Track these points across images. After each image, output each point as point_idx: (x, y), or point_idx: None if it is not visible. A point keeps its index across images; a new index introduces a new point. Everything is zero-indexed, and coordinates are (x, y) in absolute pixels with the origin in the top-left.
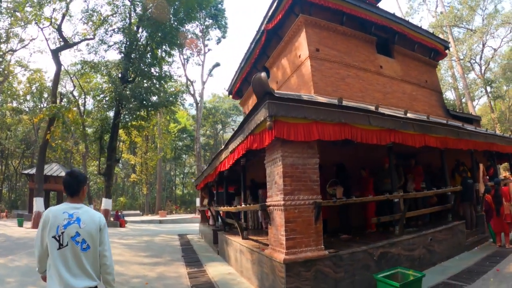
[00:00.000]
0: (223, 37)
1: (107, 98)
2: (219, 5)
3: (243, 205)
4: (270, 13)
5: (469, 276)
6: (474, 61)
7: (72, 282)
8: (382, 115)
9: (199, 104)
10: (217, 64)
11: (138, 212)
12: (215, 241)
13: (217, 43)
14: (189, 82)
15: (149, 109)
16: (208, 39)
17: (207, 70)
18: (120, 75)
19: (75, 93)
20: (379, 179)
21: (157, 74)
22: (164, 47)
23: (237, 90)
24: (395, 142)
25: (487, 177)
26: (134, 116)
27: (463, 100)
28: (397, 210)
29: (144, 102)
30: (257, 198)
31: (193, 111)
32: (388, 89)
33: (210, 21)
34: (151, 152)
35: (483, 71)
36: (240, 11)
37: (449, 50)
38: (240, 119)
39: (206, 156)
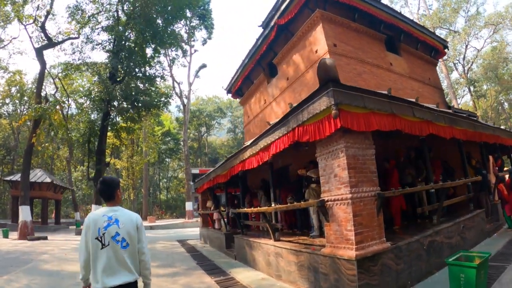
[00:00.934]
0: (209, 38)
1: (95, 99)
2: (207, 5)
3: (287, 203)
4: (282, 8)
5: (505, 258)
6: (457, 62)
7: (117, 275)
8: (422, 107)
9: (186, 106)
10: (204, 66)
11: None
12: (228, 246)
13: (203, 44)
14: (175, 84)
15: (140, 109)
16: (194, 40)
17: (193, 71)
18: (108, 75)
19: (57, 96)
20: (400, 171)
21: (147, 74)
22: (153, 45)
23: (238, 88)
24: (433, 134)
25: (496, 168)
26: (125, 117)
27: (447, 99)
28: (433, 200)
29: (136, 102)
30: (269, 199)
31: (176, 114)
32: (399, 86)
33: (196, 21)
34: (137, 156)
35: (466, 71)
36: (223, 11)
37: (448, 49)
38: (225, 121)
39: (190, 159)
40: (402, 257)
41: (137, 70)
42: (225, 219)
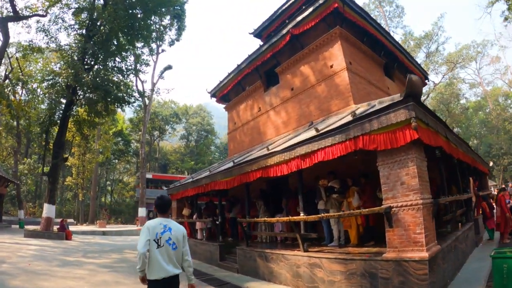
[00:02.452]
0: (177, 40)
1: (60, 85)
2: (183, 6)
3: (296, 213)
4: (299, 19)
5: None
6: None
7: (169, 269)
8: (452, 132)
9: (147, 107)
10: (169, 67)
11: (72, 221)
12: (222, 258)
13: (170, 45)
14: (138, 82)
15: (110, 103)
16: (163, 39)
17: (158, 72)
18: (76, 59)
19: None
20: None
21: (120, 66)
22: (128, 37)
23: (225, 94)
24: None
25: (476, 188)
26: (92, 109)
27: None
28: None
29: (106, 94)
30: (270, 208)
31: (130, 114)
32: None
33: (168, 21)
34: (90, 154)
35: (424, 102)
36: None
37: (428, 80)
38: (180, 127)
39: (137, 163)
40: (445, 258)
41: (109, 59)
42: (211, 229)
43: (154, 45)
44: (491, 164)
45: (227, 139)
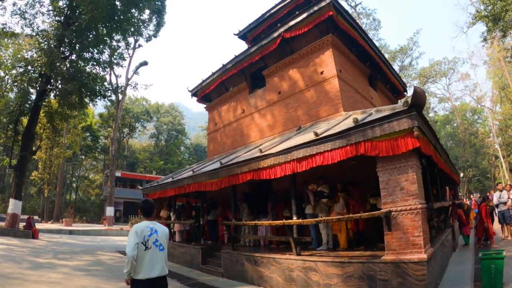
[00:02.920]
0: (155, 36)
1: (31, 72)
2: (165, 1)
3: (282, 217)
4: (292, 23)
5: None
6: None
7: (156, 270)
8: (437, 139)
9: (120, 102)
10: (145, 63)
11: (37, 218)
12: (204, 262)
13: (147, 40)
14: (113, 76)
15: (85, 95)
16: (141, 34)
17: (133, 67)
18: (53, 46)
19: None
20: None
21: (98, 58)
22: (108, 27)
23: (207, 93)
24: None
25: (452, 197)
26: (65, 101)
27: None
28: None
29: (81, 86)
30: (254, 211)
31: (100, 109)
32: None
33: (147, 15)
34: (58, 149)
35: None
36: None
37: (407, 92)
38: (150, 125)
39: (105, 160)
40: (435, 259)
41: (87, 50)
42: (189, 231)
43: (131, 39)
44: (461, 175)
45: (197, 140)
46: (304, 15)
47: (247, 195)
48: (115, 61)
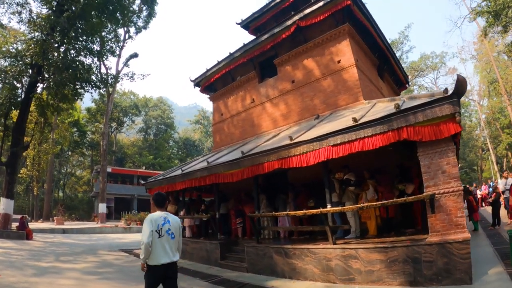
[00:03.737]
0: (144, 27)
1: (23, 62)
2: None
3: (307, 207)
4: (307, 11)
5: None
6: None
7: (169, 256)
8: None
9: (111, 95)
10: (135, 55)
11: (27, 217)
12: (223, 257)
13: (137, 32)
14: (103, 68)
15: (79, 86)
16: (131, 25)
17: (123, 59)
18: (44, 37)
19: None
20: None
21: (92, 47)
22: (103, 18)
23: (211, 83)
24: None
25: None
26: (58, 92)
27: None
28: None
29: (75, 77)
30: (272, 203)
31: (88, 103)
32: None
33: (137, 6)
34: (47, 144)
35: None
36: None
37: (408, 84)
38: (139, 119)
39: (92, 156)
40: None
41: (81, 39)
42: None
43: (120, 31)
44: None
45: (185, 135)
46: (321, 4)
47: (265, 187)
48: (109, 51)
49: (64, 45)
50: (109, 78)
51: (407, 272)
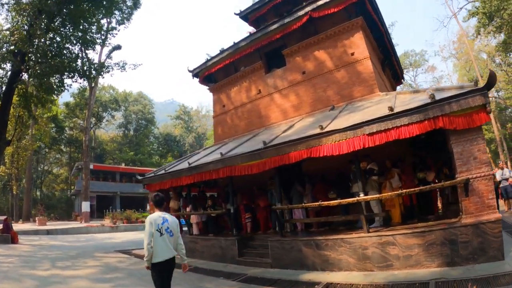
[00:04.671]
0: (128, 19)
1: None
2: None
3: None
4: (320, 3)
5: None
6: None
7: (169, 252)
8: None
9: (93, 89)
10: (118, 47)
11: (11, 219)
12: (241, 254)
13: (119, 24)
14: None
15: (68, 76)
16: (115, 14)
17: (106, 51)
18: (28, 23)
19: None
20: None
21: (80, 35)
22: (92, 4)
23: (212, 73)
24: None
25: None
26: (44, 82)
27: None
28: None
29: (63, 65)
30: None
31: (66, 97)
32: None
33: None
34: (26, 140)
35: None
36: None
37: (404, 79)
38: (118, 115)
39: (71, 152)
40: None
41: (68, 25)
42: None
43: (104, 21)
44: None
45: (165, 130)
46: None
47: (280, 179)
48: (97, 40)
49: (51, 32)
50: (99, 67)
51: (445, 254)
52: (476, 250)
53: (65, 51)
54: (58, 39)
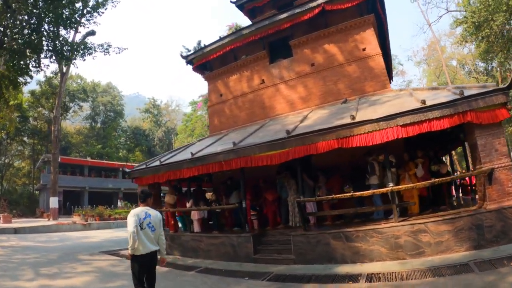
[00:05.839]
0: (103, 4)
1: None
2: None
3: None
4: None
5: None
6: None
7: (150, 246)
8: None
9: (64, 75)
10: (92, 32)
11: None
12: (256, 251)
13: (94, 10)
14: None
15: (46, 55)
16: None
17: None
18: None
19: None
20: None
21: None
22: None
23: (209, 60)
24: None
25: None
26: (22, 58)
27: None
28: None
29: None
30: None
31: (32, 85)
32: None
33: None
34: None
35: None
36: None
37: (392, 79)
38: (87, 105)
39: (34, 144)
40: None
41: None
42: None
43: (78, 4)
44: None
45: (133, 123)
46: None
47: (293, 172)
48: (74, 19)
49: (29, 7)
50: (81, 48)
51: (472, 238)
52: (499, 233)
53: (43, 29)
54: (36, 12)
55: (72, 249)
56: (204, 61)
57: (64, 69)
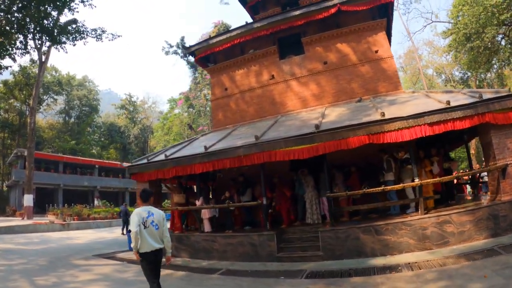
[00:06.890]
0: None
1: None
2: None
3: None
4: None
5: None
6: None
7: (154, 244)
8: None
9: (44, 64)
10: (74, 21)
11: None
12: (280, 250)
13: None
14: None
15: (35, 37)
16: None
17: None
18: None
19: None
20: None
21: None
22: None
23: (214, 53)
24: None
25: None
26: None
27: None
28: None
29: (31, 19)
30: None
31: (6, 75)
32: None
33: None
34: None
35: None
36: None
37: None
38: (61, 99)
39: (5, 138)
40: None
41: None
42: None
43: None
44: None
45: (108, 120)
46: None
47: (311, 169)
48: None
49: None
50: (73, 30)
51: (490, 227)
52: None
53: (31, 5)
54: None
55: (61, 252)
56: (209, 53)
57: (44, 57)
